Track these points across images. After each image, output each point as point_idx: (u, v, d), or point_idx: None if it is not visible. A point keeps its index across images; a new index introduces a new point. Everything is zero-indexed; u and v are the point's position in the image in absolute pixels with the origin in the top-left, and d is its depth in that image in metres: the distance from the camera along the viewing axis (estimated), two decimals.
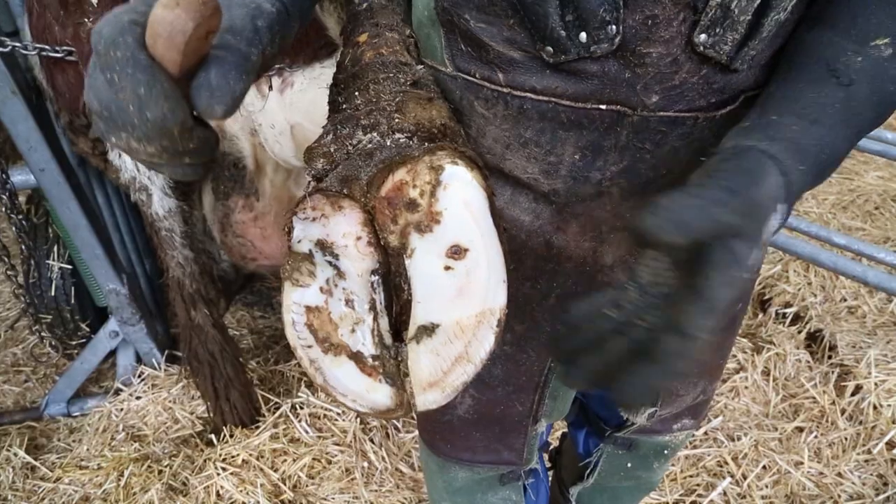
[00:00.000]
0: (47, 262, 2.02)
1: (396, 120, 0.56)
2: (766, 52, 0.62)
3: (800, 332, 2.24)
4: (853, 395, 2.01)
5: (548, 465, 1.45)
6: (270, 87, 1.26)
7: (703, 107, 0.63)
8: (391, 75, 0.63)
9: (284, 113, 1.31)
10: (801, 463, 1.88)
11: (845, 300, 2.29)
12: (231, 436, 1.79)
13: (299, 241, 0.50)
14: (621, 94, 0.61)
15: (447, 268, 0.47)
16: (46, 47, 1.30)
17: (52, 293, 2.06)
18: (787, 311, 2.30)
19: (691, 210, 0.46)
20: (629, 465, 1.10)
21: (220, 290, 1.89)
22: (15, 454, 1.86)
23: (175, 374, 2.07)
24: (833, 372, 2.08)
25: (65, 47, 1.30)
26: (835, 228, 2.67)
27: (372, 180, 0.51)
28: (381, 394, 0.48)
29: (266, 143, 1.39)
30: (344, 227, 0.50)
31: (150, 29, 0.43)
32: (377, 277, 0.51)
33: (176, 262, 1.51)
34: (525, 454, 0.97)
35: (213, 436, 1.81)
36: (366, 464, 1.83)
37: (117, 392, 2.07)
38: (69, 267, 2.05)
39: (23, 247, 1.84)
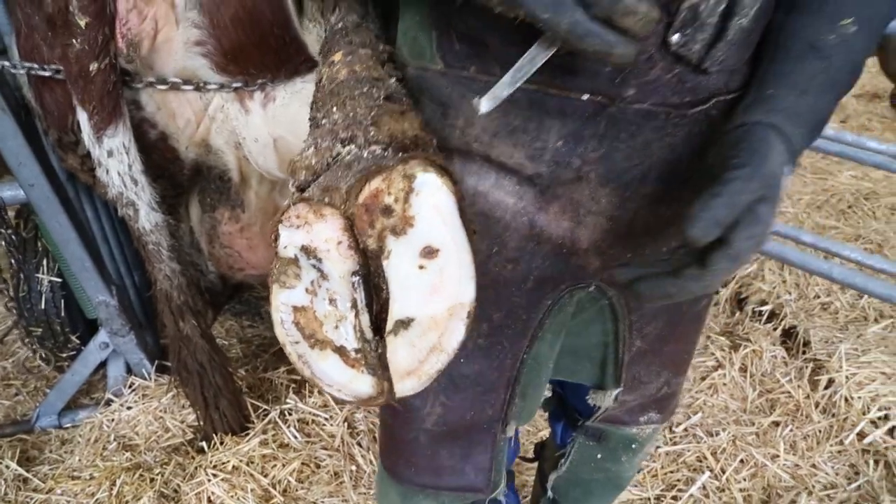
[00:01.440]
0: (37, 275, 2.05)
1: (372, 133, 0.61)
2: (734, 57, 0.70)
3: (775, 329, 2.32)
4: (826, 388, 2.08)
5: (532, 456, 1.49)
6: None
7: (675, 104, 0.71)
8: (365, 91, 0.68)
9: (268, 127, 1.36)
10: (777, 456, 1.94)
11: (818, 297, 2.36)
12: (221, 443, 1.82)
13: (285, 247, 0.55)
14: (602, 86, 0.68)
15: (421, 267, 0.53)
16: (35, 66, 1.34)
17: (43, 306, 2.08)
18: (763, 308, 2.38)
19: (721, 208, 0.59)
20: (599, 456, 1.15)
21: (207, 301, 1.92)
22: (7, 466, 1.88)
23: (165, 384, 2.10)
24: (807, 367, 2.15)
25: (53, 66, 1.34)
26: (808, 227, 2.75)
27: (350, 189, 0.55)
28: (363, 383, 0.53)
29: (250, 155, 1.44)
30: (326, 232, 0.54)
31: None
32: (358, 278, 0.55)
33: (163, 274, 1.55)
34: (492, 475, 0.99)
35: (203, 443, 1.84)
36: (354, 468, 1.87)
37: (108, 403, 2.09)
38: (59, 280, 2.07)
39: (12, 261, 1.86)
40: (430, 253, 0.52)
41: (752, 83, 0.72)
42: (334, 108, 0.68)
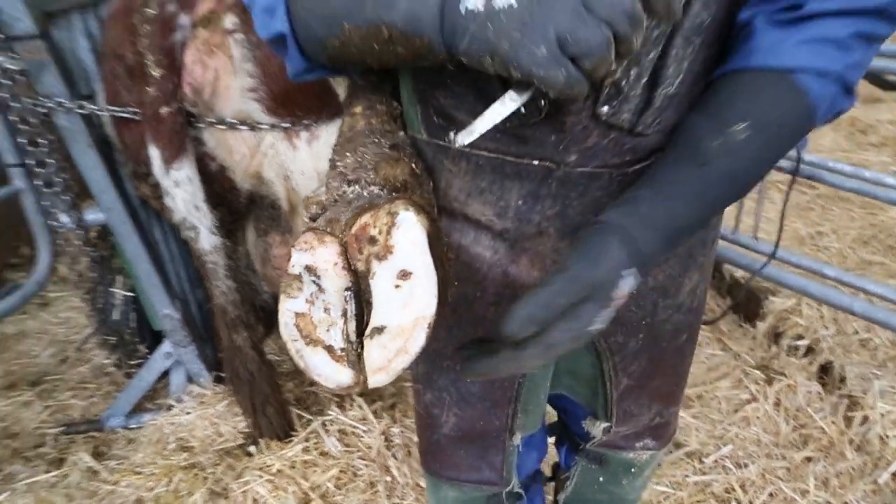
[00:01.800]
0: (112, 289, 2.28)
1: (372, 176, 0.75)
2: (670, 118, 0.76)
3: (811, 364, 2.31)
4: (861, 425, 2.06)
5: (549, 475, 1.57)
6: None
7: (616, 164, 0.78)
8: (375, 141, 0.82)
9: (312, 162, 1.52)
10: (808, 491, 1.94)
11: (857, 333, 2.34)
12: (267, 447, 1.98)
13: (293, 266, 0.68)
14: (548, 153, 0.77)
15: (397, 286, 0.65)
16: (117, 109, 1.55)
17: (117, 317, 2.31)
18: (800, 343, 2.37)
19: (537, 309, 0.63)
20: (601, 479, 1.22)
21: (260, 317, 2.10)
22: (81, 459, 2.09)
23: (221, 393, 2.28)
24: (842, 403, 2.14)
25: (131, 109, 1.55)
26: (853, 263, 2.72)
27: (347, 221, 0.69)
28: (344, 375, 0.65)
29: (297, 187, 1.61)
30: (325, 256, 0.68)
31: None
32: (350, 293, 0.68)
33: (220, 291, 1.73)
34: (504, 472, 1.10)
35: (251, 447, 2.00)
36: (389, 478, 1.98)
37: (169, 408, 2.29)
38: (131, 294, 2.29)
39: (92, 276, 2.09)
40: (404, 275, 0.65)
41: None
42: (348, 154, 0.81)
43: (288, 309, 0.67)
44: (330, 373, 0.65)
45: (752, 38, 0.71)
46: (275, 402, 1.91)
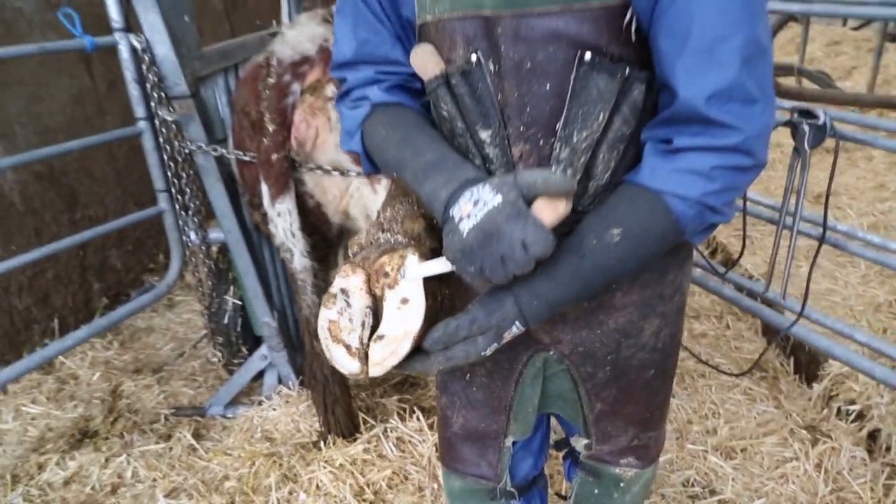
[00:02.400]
0: (225, 297, 2.71)
1: (397, 228, 1.03)
2: (603, 199, 0.99)
3: (860, 430, 2.33)
4: None
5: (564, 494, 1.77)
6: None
7: (565, 232, 0.96)
8: (408, 200, 1.11)
9: None
10: None
11: None
12: (334, 444, 2.29)
13: (333, 287, 0.97)
14: None
15: (398, 308, 0.93)
16: (241, 153, 1.95)
17: (226, 321, 2.73)
18: (852, 408, 2.40)
19: (445, 334, 0.92)
20: (596, 491, 1.42)
21: None
22: (184, 437, 2.50)
23: (304, 395, 2.63)
24: (883, 471, 2.16)
25: (251, 154, 1.94)
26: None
27: (374, 259, 0.98)
28: (355, 366, 0.93)
29: None
30: (355, 282, 0.97)
31: None
32: (369, 310, 0.96)
33: (306, 304, 2.07)
34: (498, 469, 1.34)
35: (321, 442, 2.32)
36: (435, 485, 2.23)
37: (260, 403, 2.66)
38: (239, 303, 2.71)
39: (211, 284, 2.52)
40: (404, 301, 0.92)
41: None
42: (388, 209, 1.11)
43: (324, 316, 0.96)
44: (346, 363, 0.94)
45: (644, 158, 0.94)
46: (343, 404, 2.23)
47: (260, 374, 2.75)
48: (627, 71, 0.92)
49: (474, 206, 0.87)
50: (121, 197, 3.86)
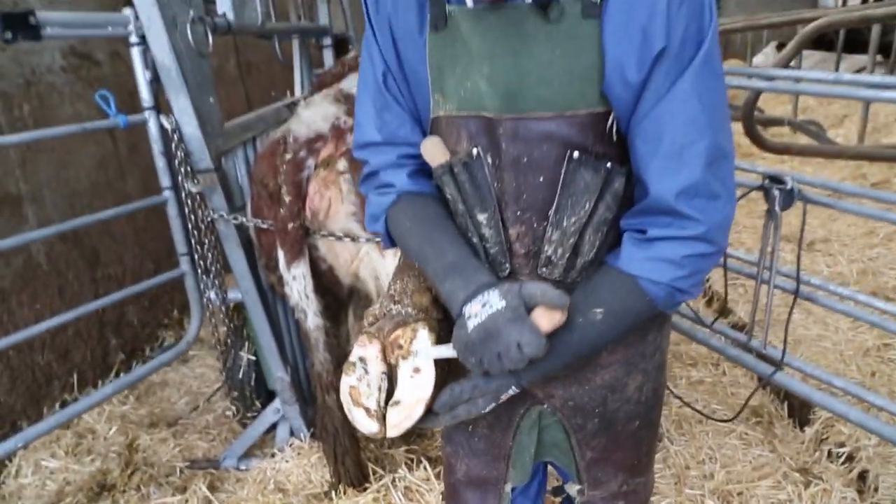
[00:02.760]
0: (240, 353, 2.84)
1: (407, 301, 1.18)
2: (590, 273, 1.15)
3: (850, 472, 2.42)
4: None
5: None
6: None
7: None
8: (414, 275, 1.26)
9: (396, 267, 1.99)
10: None
11: None
12: (345, 493, 2.39)
13: (352, 356, 1.11)
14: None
15: (411, 377, 1.06)
16: (259, 221, 2.12)
17: (241, 376, 2.86)
18: (841, 450, 2.49)
19: (451, 397, 1.08)
20: None
21: None
22: (199, 489, 2.60)
23: (315, 447, 2.73)
24: None
25: (269, 221, 2.10)
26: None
27: (388, 331, 1.12)
28: (373, 427, 1.06)
29: (385, 285, 2.08)
30: (372, 352, 1.11)
31: None
32: (384, 376, 1.10)
33: (318, 360, 2.21)
34: None
35: (332, 492, 2.42)
36: None
37: (273, 455, 2.76)
38: (253, 358, 2.84)
39: (228, 341, 2.65)
40: (416, 370, 1.06)
41: None
42: (398, 281, 1.26)
43: (345, 383, 1.10)
44: (366, 424, 1.07)
45: (622, 245, 1.10)
46: (353, 455, 2.34)
47: (272, 427, 2.86)
48: (609, 166, 1.08)
49: (482, 308, 1.03)
50: (138, 255, 4.03)
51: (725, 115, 1.05)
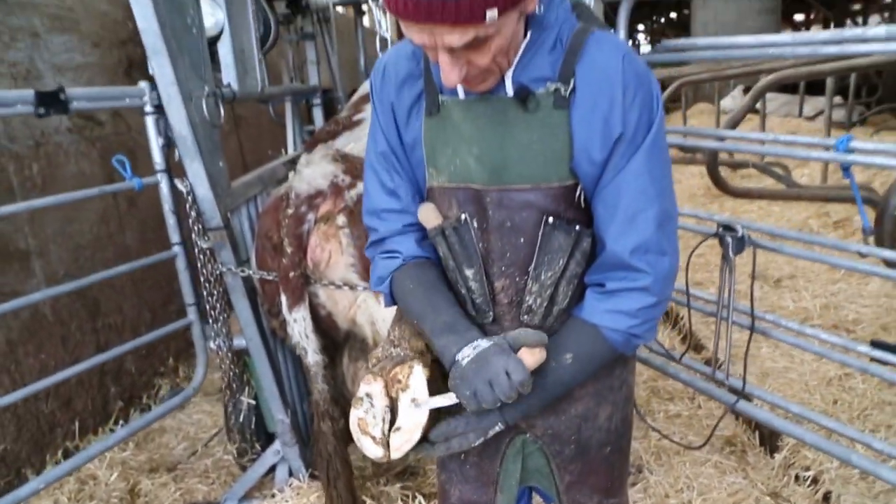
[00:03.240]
0: (241, 397, 2.98)
1: (405, 344, 1.37)
2: (565, 317, 1.36)
3: (816, 493, 2.61)
4: None
5: None
6: None
7: None
8: (412, 322, 1.45)
9: (390, 313, 2.18)
10: None
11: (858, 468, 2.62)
12: None
13: (359, 392, 1.30)
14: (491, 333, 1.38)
15: (409, 406, 1.25)
16: (264, 273, 2.31)
17: (241, 420, 3.00)
18: (807, 473, 2.68)
19: (445, 430, 1.28)
20: None
21: (348, 419, 2.70)
22: None
23: (314, 487, 2.85)
24: None
25: (273, 273, 2.29)
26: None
27: (389, 369, 1.31)
28: (379, 452, 1.24)
29: (380, 330, 2.26)
30: (377, 388, 1.29)
31: None
32: (388, 408, 1.28)
33: (317, 390, 2.37)
34: None
35: None
36: None
37: (273, 496, 2.88)
38: (253, 402, 2.98)
39: (234, 385, 2.80)
40: (414, 401, 1.25)
41: None
42: (395, 329, 1.45)
43: (354, 415, 1.29)
44: (372, 450, 1.26)
45: (585, 298, 1.32)
46: (344, 478, 2.46)
47: (272, 469, 2.98)
48: (578, 229, 1.30)
49: (472, 350, 1.23)
50: (136, 305, 4.18)
51: (670, 183, 1.28)
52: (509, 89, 1.24)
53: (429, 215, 1.39)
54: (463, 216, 1.34)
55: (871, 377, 3.21)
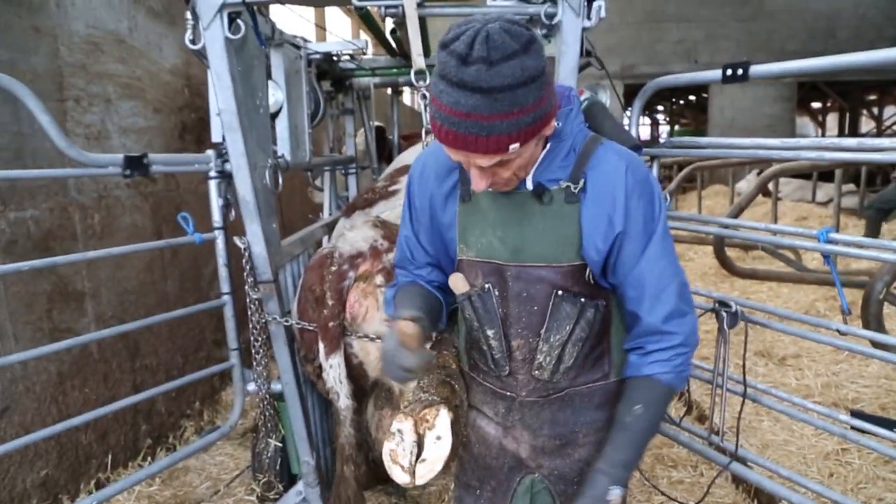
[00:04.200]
0: (268, 440, 3.20)
1: (433, 391, 1.62)
2: (571, 375, 1.62)
3: None
4: None
5: None
6: None
7: (544, 395, 1.62)
8: (439, 372, 1.70)
9: None
10: None
11: None
12: None
13: (392, 427, 1.54)
14: (510, 388, 1.64)
15: (434, 442, 1.49)
16: (304, 323, 2.57)
17: (267, 460, 3.20)
18: None
19: None
20: None
21: (369, 462, 2.90)
22: None
23: None
24: None
25: (313, 324, 2.56)
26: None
27: (418, 410, 1.56)
28: (406, 479, 1.47)
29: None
30: (407, 425, 1.53)
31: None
32: (415, 443, 1.52)
33: (344, 434, 2.58)
34: None
35: None
36: None
37: None
38: (280, 445, 3.20)
39: (266, 427, 3.02)
40: (438, 438, 1.49)
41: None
42: (425, 378, 1.71)
43: (387, 448, 1.53)
44: (400, 477, 1.50)
45: (630, 364, 1.59)
46: None
47: None
48: (583, 301, 1.57)
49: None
50: (171, 349, 4.45)
51: (677, 259, 1.58)
52: (529, 186, 1.54)
53: (459, 283, 1.67)
54: (486, 285, 1.61)
55: (867, 454, 3.36)
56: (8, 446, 2.12)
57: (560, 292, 1.54)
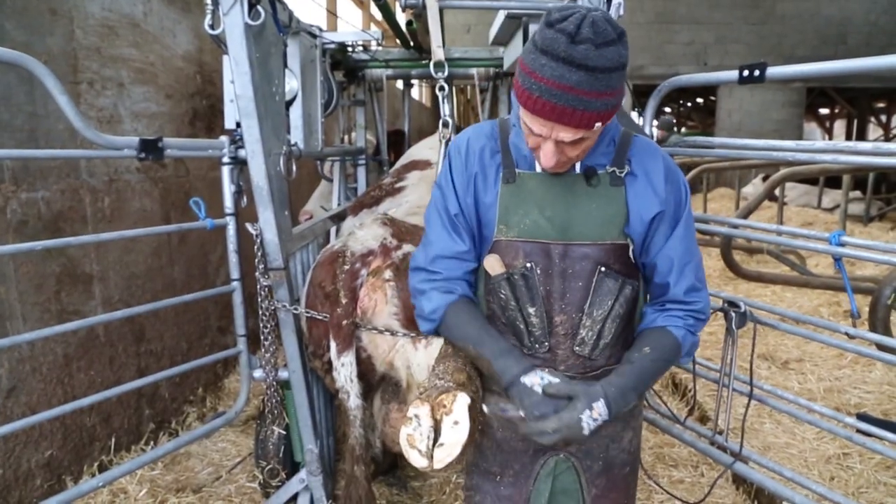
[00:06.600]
0: (273, 427, 3.21)
1: (449, 377, 1.63)
2: (608, 353, 1.66)
3: None
4: None
5: None
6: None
7: (582, 371, 1.66)
8: (453, 359, 1.71)
9: (426, 359, 2.42)
10: None
11: None
12: None
13: (409, 412, 1.55)
14: (549, 364, 1.66)
15: (452, 426, 1.50)
16: (315, 313, 2.58)
17: (271, 447, 3.22)
18: None
19: (537, 426, 1.50)
20: None
21: (377, 461, 2.91)
22: None
23: None
24: None
25: (322, 314, 2.56)
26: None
27: (435, 396, 1.56)
28: (424, 462, 1.47)
29: (415, 374, 2.50)
30: (424, 410, 1.54)
31: None
32: (432, 428, 1.53)
33: (354, 435, 2.58)
34: None
35: None
36: None
37: None
38: (284, 432, 3.21)
39: (271, 415, 3.03)
40: (455, 423, 1.50)
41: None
42: (441, 363, 1.71)
43: (404, 432, 1.54)
44: (418, 461, 1.50)
45: (647, 316, 1.69)
46: None
47: (294, 497, 3.17)
48: (623, 278, 1.66)
49: (541, 380, 1.52)
50: (176, 335, 4.47)
51: (696, 242, 1.71)
52: (577, 169, 1.65)
53: (495, 264, 1.70)
54: (529, 264, 1.66)
55: (869, 458, 3.37)
56: (14, 426, 2.12)
57: (603, 269, 1.65)
